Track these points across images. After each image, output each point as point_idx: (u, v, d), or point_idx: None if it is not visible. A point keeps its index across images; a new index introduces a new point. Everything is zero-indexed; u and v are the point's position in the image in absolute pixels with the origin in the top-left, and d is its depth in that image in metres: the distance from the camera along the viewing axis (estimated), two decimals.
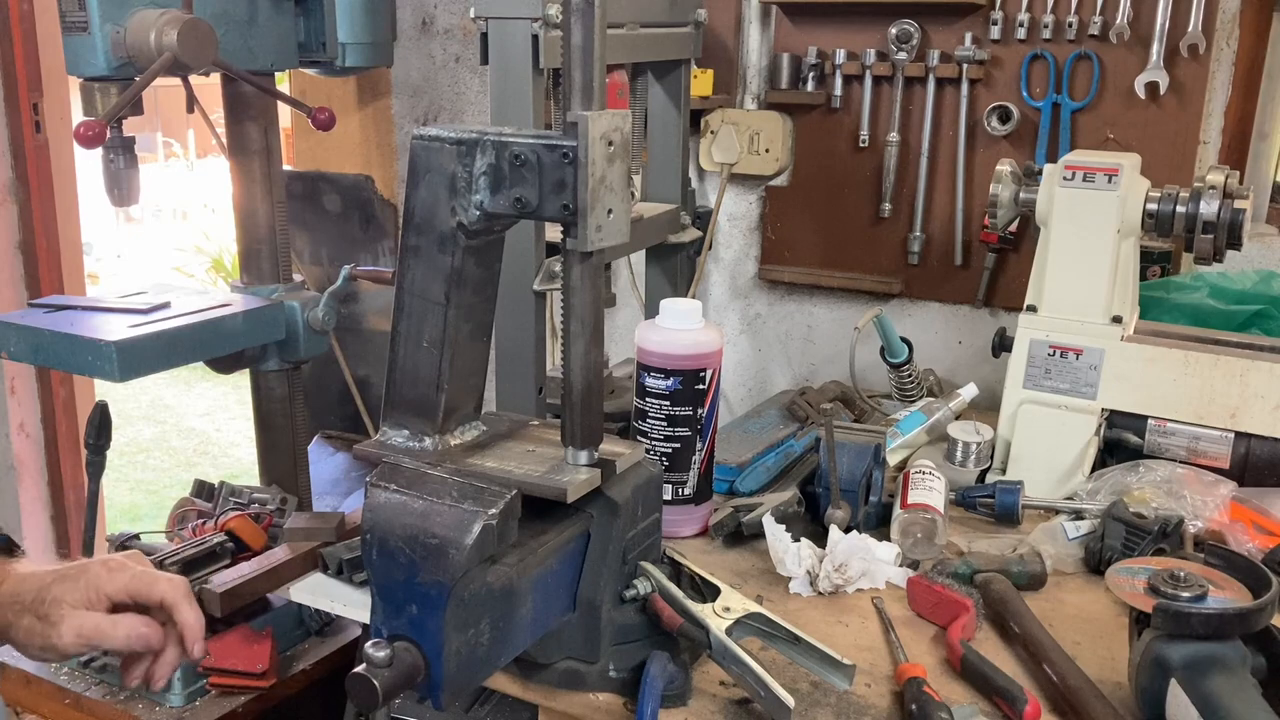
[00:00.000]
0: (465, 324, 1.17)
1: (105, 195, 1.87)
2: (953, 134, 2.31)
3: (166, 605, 1.11)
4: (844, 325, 2.47)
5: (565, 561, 1.17)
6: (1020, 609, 1.35)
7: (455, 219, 1.11)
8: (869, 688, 1.24)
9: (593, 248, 1.09)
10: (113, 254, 9.66)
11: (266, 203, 2.11)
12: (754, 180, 2.54)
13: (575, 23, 1.07)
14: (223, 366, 2.09)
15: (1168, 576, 1.13)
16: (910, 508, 1.54)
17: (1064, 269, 1.72)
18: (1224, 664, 1.07)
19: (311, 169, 3.08)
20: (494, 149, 1.09)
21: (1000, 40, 2.23)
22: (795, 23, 2.41)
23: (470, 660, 1.03)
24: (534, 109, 1.75)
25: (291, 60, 2.11)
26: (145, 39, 1.74)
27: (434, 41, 2.80)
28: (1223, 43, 2.09)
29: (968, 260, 2.36)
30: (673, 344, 1.51)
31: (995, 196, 1.80)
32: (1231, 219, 1.66)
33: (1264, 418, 1.64)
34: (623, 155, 1.10)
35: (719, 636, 1.15)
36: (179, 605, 1.12)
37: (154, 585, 1.12)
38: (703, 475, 1.57)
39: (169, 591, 1.12)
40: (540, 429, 1.29)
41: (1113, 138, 2.18)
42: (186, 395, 6.85)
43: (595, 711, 1.22)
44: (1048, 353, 1.74)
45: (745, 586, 1.46)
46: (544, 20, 1.69)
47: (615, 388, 1.99)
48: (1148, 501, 1.55)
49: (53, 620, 1.09)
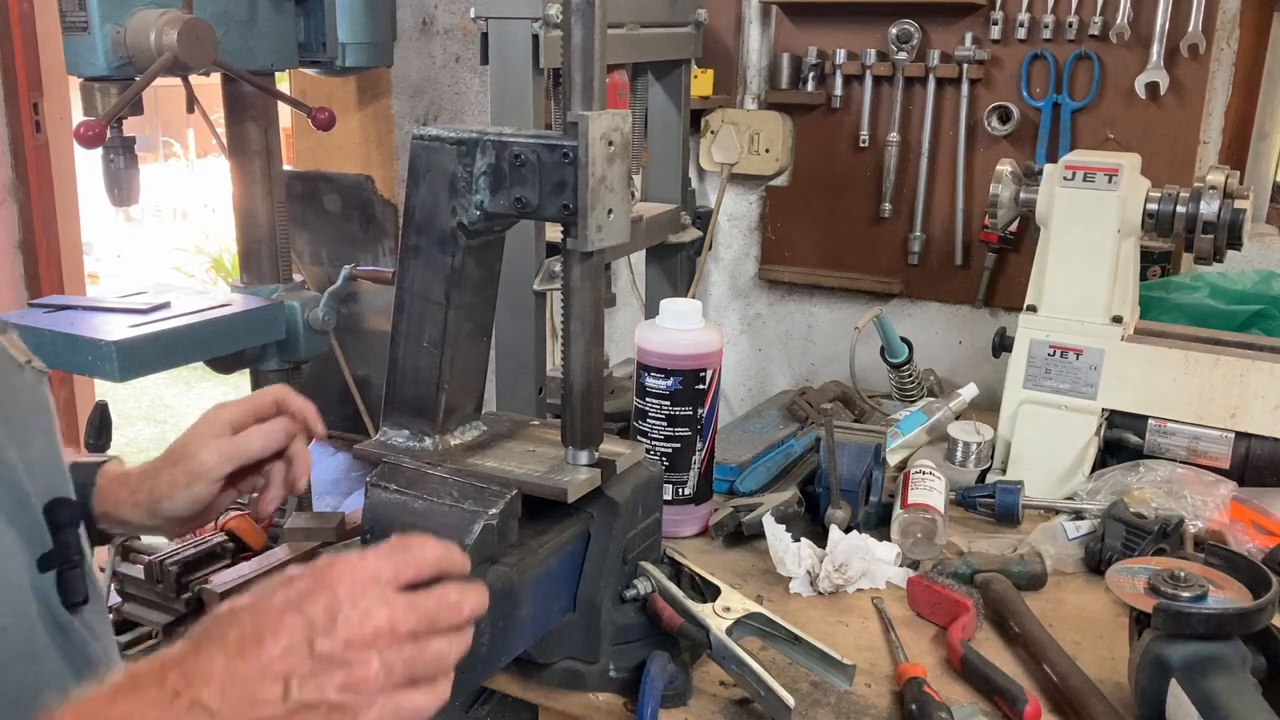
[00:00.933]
0: (465, 324, 1.17)
1: (105, 195, 1.87)
2: (953, 134, 2.31)
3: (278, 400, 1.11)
4: (844, 325, 2.47)
5: (565, 561, 1.17)
6: (1020, 609, 1.35)
7: (455, 219, 1.11)
8: (869, 688, 1.24)
9: (593, 248, 1.09)
10: (113, 254, 9.65)
11: (266, 203, 2.12)
12: (754, 180, 2.54)
13: (575, 23, 1.07)
14: (223, 366, 2.09)
15: (1168, 576, 1.13)
16: (910, 508, 1.54)
17: (1064, 269, 1.72)
18: (1224, 664, 1.07)
19: (311, 169, 3.08)
20: (494, 149, 1.09)
21: (1000, 40, 2.23)
22: (795, 23, 2.41)
23: (470, 660, 1.02)
24: (534, 109, 1.75)
25: (291, 60, 2.11)
26: (145, 39, 1.75)
27: (434, 41, 2.80)
28: (1223, 43, 2.09)
29: (968, 260, 2.36)
30: (673, 344, 1.51)
31: (995, 196, 1.80)
32: (1231, 219, 1.66)
33: (1264, 418, 1.64)
34: (623, 155, 1.10)
35: (719, 636, 1.15)
36: (288, 397, 1.12)
37: (262, 394, 1.12)
38: (703, 475, 1.57)
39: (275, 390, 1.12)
40: (540, 429, 1.29)
41: (1113, 138, 2.18)
42: (186, 395, 6.85)
43: (595, 711, 1.22)
44: (1048, 353, 1.74)
45: (745, 586, 1.46)
46: (544, 20, 1.69)
47: (615, 388, 1.99)
48: (1148, 501, 1.55)
49: (190, 453, 1.06)
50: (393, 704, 0.72)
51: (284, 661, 0.69)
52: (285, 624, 0.70)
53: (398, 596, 0.74)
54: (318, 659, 0.70)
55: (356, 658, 0.70)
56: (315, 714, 0.70)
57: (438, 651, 0.75)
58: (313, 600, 0.71)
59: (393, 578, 0.74)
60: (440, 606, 0.75)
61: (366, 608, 0.72)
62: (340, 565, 0.73)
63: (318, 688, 0.69)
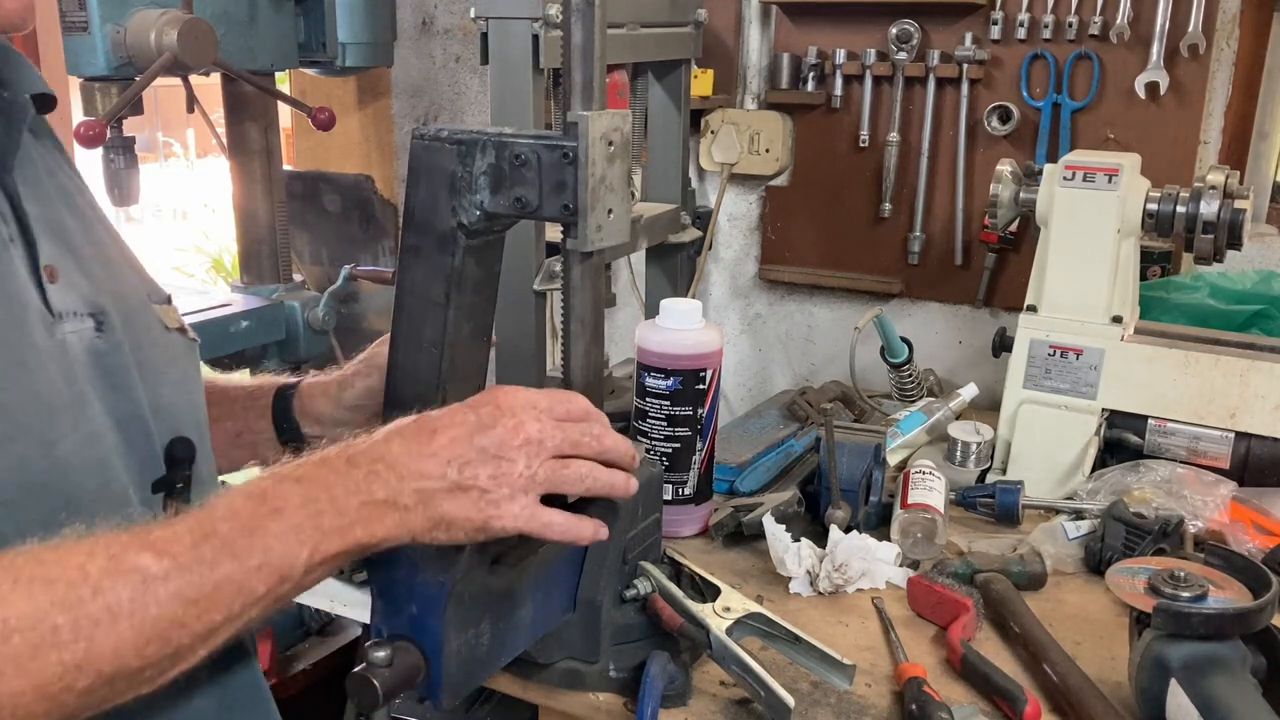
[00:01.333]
0: (465, 324, 1.17)
1: (105, 195, 1.87)
2: (953, 134, 2.31)
3: None
4: (844, 325, 2.47)
5: (565, 561, 1.17)
6: (1020, 609, 1.35)
7: (455, 219, 1.11)
8: (869, 688, 1.24)
9: (593, 248, 1.09)
10: None
11: (266, 203, 2.12)
12: (754, 180, 2.54)
13: (575, 23, 1.07)
14: (223, 366, 2.09)
15: (1168, 576, 1.13)
16: (910, 508, 1.54)
17: (1064, 269, 1.72)
18: (1224, 664, 1.07)
19: (311, 169, 3.08)
20: (494, 149, 1.08)
21: (1000, 40, 2.22)
22: (795, 23, 2.41)
23: (470, 660, 1.03)
24: (534, 109, 1.75)
25: (291, 60, 2.11)
26: (145, 39, 1.75)
27: (434, 41, 2.80)
28: (1223, 43, 2.09)
29: (968, 260, 2.36)
30: (673, 344, 1.51)
31: (995, 196, 1.80)
32: (1231, 219, 1.65)
33: (1264, 418, 1.64)
34: (623, 155, 1.10)
35: (719, 636, 1.15)
36: None
37: None
38: (703, 475, 1.57)
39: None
40: None
41: (1113, 138, 2.18)
42: None
43: (595, 711, 1.22)
44: (1048, 353, 1.74)
45: (745, 586, 1.46)
46: (544, 20, 1.69)
47: (615, 388, 1.99)
48: (1148, 501, 1.55)
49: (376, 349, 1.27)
50: (531, 506, 0.90)
51: (450, 449, 0.87)
52: (456, 420, 0.90)
53: (549, 419, 0.92)
54: (476, 450, 0.88)
55: (507, 455, 0.89)
56: (468, 495, 0.88)
57: (578, 471, 0.93)
58: (481, 407, 0.91)
59: (548, 408, 0.93)
60: (584, 434, 0.94)
61: (521, 420, 0.90)
62: (509, 390, 0.93)
63: (472, 474, 0.87)
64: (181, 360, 1.02)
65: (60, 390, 0.84)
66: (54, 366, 0.84)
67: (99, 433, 0.87)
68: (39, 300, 0.85)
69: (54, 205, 0.93)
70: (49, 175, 0.95)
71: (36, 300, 0.85)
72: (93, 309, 0.90)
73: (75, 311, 0.88)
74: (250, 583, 0.78)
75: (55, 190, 0.95)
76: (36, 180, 0.92)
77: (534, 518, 0.90)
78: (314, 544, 0.82)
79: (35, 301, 0.85)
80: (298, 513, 0.82)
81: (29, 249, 0.86)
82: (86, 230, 0.96)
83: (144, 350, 0.95)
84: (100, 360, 0.89)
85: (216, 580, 0.77)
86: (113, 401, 0.89)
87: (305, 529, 0.82)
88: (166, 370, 0.98)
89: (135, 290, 1.00)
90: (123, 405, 0.90)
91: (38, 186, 0.92)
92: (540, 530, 0.92)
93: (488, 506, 0.88)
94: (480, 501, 0.88)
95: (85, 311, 0.89)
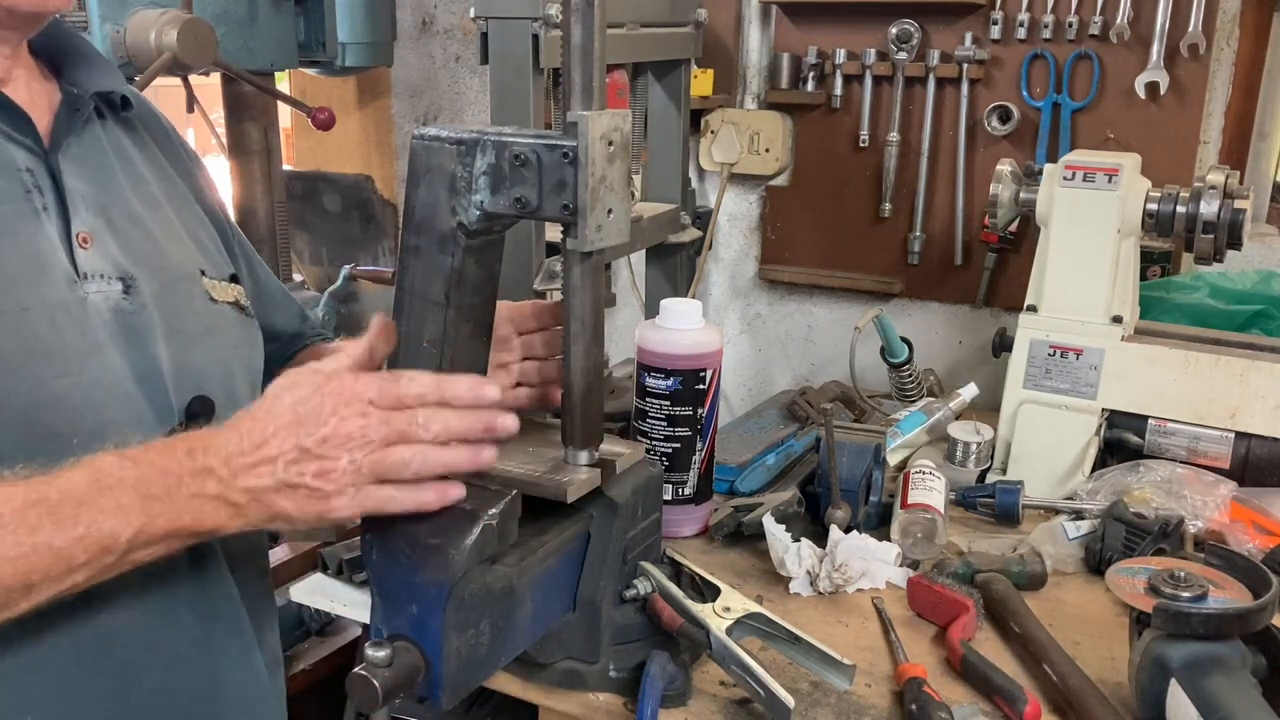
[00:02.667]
0: (465, 324, 1.17)
1: None
2: (953, 134, 2.31)
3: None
4: (844, 325, 2.47)
5: (565, 561, 1.17)
6: (1020, 609, 1.35)
7: (455, 219, 1.11)
8: (869, 688, 1.24)
9: (593, 248, 1.09)
10: None
11: (266, 203, 2.12)
12: (754, 180, 2.54)
13: (575, 23, 1.07)
14: None
15: (1168, 576, 1.13)
16: (910, 508, 1.54)
17: (1064, 269, 1.72)
18: (1224, 664, 1.07)
19: (311, 169, 3.08)
20: (494, 149, 1.08)
21: (1000, 40, 2.23)
22: (795, 22, 2.41)
23: (470, 660, 1.03)
24: (534, 109, 1.75)
25: (291, 60, 2.11)
26: (145, 39, 1.75)
27: (434, 41, 2.80)
28: (1223, 43, 2.09)
29: (968, 260, 2.36)
30: (673, 344, 1.51)
31: (995, 196, 1.80)
32: (1231, 219, 1.65)
33: (1264, 418, 1.64)
34: (623, 155, 1.10)
35: (719, 636, 1.15)
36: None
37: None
38: (703, 475, 1.57)
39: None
40: (540, 429, 1.29)
41: (1113, 138, 2.18)
42: None
43: (595, 711, 1.22)
44: (1048, 353, 1.74)
45: (745, 586, 1.46)
46: (544, 20, 1.69)
47: (615, 388, 1.99)
48: (1148, 501, 1.55)
49: None
50: (360, 495, 0.91)
51: (276, 446, 0.89)
52: (285, 418, 0.90)
53: (375, 411, 0.91)
54: (299, 451, 0.89)
55: (329, 454, 0.89)
56: (297, 493, 0.90)
57: (400, 458, 0.91)
58: (308, 401, 0.90)
59: (376, 397, 0.91)
60: (410, 424, 0.92)
61: (344, 416, 0.90)
62: (340, 382, 0.92)
63: (298, 472, 0.89)
64: (225, 330, 1.09)
65: (71, 338, 0.93)
66: (65, 317, 0.93)
67: (112, 380, 0.95)
68: (67, 261, 0.95)
69: (112, 186, 1.03)
70: (123, 160, 1.06)
71: (64, 261, 0.95)
72: (122, 274, 0.99)
73: (103, 274, 0.98)
74: (71, 550, 0.84)
75: (124, 173, 1.05)
76: (98, 163, 1.03)
77: (366, 503, 0.92)
78: (140, 525, 0.87)
79: (62, 262, 0.95)
80: (129, 493, 0.87)
81: (63, 218, 0.96)
82: (151, 209, 1.06)
83: (179, 316, 1.04)
84: (124, 319, 0.98)
85: (35, 544, 0.83)
86: (133, 356, 0.98)
87: (133, 509, 0.86)
88: (202, 336, 1.06)
89: (184, 264, 1.08)
90: (142, 361, 0.99)
91: (97, 168, 1.02)
92: (380, 509, 0.93)
93: (319, 502, 0.91)
94: (311, 498, 0.90)
95: (114, 275, 0.99)
